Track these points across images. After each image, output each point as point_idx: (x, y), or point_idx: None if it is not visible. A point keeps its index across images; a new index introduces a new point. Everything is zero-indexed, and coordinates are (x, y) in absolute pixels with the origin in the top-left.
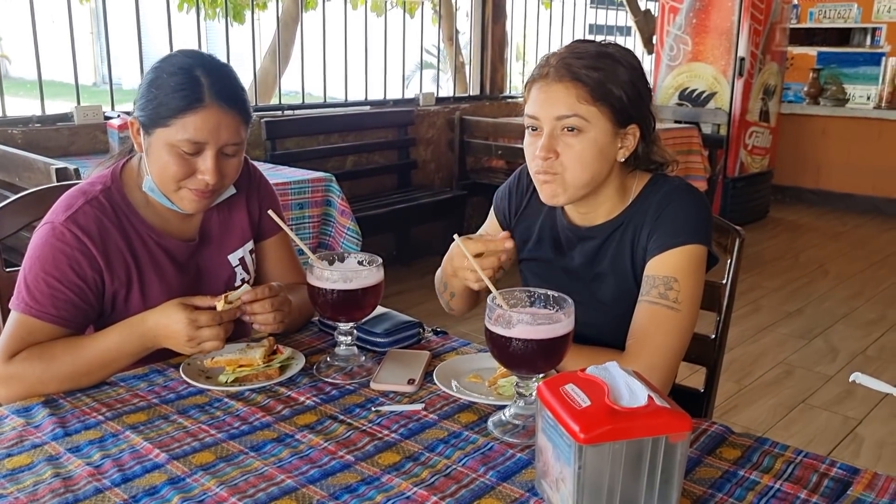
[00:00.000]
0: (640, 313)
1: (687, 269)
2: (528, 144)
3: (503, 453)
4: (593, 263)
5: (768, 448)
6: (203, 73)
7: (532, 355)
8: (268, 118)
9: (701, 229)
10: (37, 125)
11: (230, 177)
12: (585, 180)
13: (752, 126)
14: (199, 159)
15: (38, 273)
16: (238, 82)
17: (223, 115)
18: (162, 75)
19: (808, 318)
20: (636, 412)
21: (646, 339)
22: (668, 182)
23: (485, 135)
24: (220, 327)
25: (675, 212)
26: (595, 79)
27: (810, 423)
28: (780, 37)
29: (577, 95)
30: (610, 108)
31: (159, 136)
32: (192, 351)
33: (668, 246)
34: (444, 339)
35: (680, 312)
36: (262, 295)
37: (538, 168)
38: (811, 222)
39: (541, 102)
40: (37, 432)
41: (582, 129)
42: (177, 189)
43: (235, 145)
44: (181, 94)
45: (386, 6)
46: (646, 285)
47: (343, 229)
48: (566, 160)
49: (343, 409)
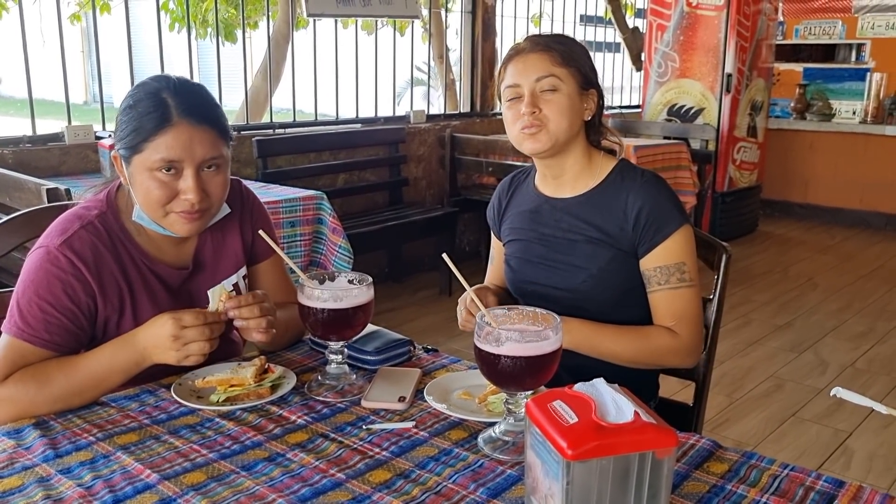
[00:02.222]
0: (667, 299)
1: (687, 249)
2: (508, 111)
3: (493, 470)
4: (566, 231)
5: (755, 462)
6: (170, 94)
7: (521, 372)
8: (259, 136)
9: (682, 210)
10: (27, 145)
11: (216, 195)
12: (564, 127)
13: (740, 141)
14: (181, 180)
15: (31, 297)
16: (209, 99)
17: (194, 131)
18: (132, 102)
19: (797, 331)
20: (623, 428)
21: (684, 318)
22: (637, 171)
23: (476, 151)
24: (206, 327)
25: (660, 203)
26: (562, 49)
27: (801, 436)
28: (767, 53)
29: (550, 60)
30: (577, 70)
31: (137, 163)
32: (178, 356)
33: (666, 235)
34: (434, 357)
35: (695, 286)
36: (247, 301)
37: (524, 123)
38: (800, 236)
39: (520, 71)
40: (27, 454)
41: (557, 87)
42: (164, 214)
43: (214, 159)
44: (150, 118)
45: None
46: (661, 275)
47: (335, 247)
48: (548, 112)
49: (334, 427)
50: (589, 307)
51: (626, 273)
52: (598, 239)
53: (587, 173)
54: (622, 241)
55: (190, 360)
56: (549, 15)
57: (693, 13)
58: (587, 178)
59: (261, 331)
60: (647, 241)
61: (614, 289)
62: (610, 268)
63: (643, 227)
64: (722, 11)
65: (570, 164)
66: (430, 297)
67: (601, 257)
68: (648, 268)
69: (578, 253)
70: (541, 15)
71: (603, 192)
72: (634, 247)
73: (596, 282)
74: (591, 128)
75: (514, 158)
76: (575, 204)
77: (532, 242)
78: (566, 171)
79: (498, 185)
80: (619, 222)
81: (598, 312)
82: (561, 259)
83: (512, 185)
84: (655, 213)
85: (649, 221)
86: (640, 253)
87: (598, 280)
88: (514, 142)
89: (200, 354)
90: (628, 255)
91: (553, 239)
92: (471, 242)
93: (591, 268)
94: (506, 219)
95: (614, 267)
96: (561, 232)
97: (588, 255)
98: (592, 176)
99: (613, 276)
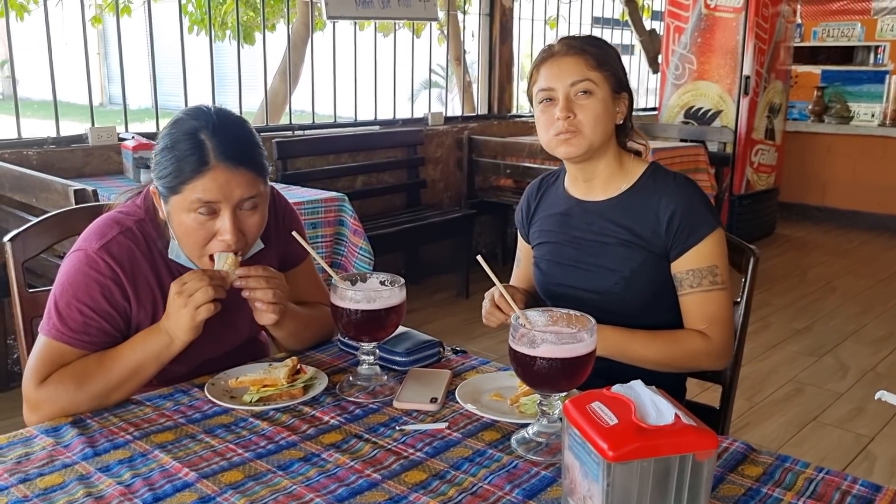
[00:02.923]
0: (699, 302)
1: (719, 252)
2: (541, 114)
3: (528, 471)
4: (598, 234)
5: (790, 465)
6: (207, 136)
7: (556, 374)
8: (278, 138)
9: (714, 213)
10: (52, 146)
11: (252, 234)
12: (599, 133)
13: (758, 144)
14: (217, 220)
15: (69, 300)
16: (247, 137)
17: (231, 175)
18: (170, 143)
19: (816, 335)
20: (664, 430)
21: (716, 321)
22: (668, 174)
23: (493, 154)
24: (205, 275)
25: (693, 206)
26: (596, 52)
27: (822, 440)
28: (785, 55)
29: (585, 63)
30: (611, 73)
31: (175, 203)
32: (188, 311)
33: (698, 238)
34: (463, 358)
35: (727, 289)
36: (255, 272)
37: (558, 129)
38: (817, 239)
39: (554, 74)
40: (66, 452)
41: (592, 91)
42: (201, 256)
43: (252, 199)
44: (187, 161)
45: (395, 27)
46: (694, 278)
47: (356, 248)
48: (583, 118)
49: (368, 427)
50: (619, 310)
51: (657, 276)
52: (631, 241)
53: (619, 176)
54: (654, 243)
55: (201, 312)
56: (565, 17)
57: (711, 15)
58: (619, 180)
59: (267, 302)
60: (679, 243)
61: (645, 292)
62: (642, 270)
63: (676, 230)
64: (740, 13)
65: (601, 168)
66: (447, 298)
67: (633, 260)
68: (680, 270)
69: (610, 255)
70: (557, 17)
71: (635, 194)
72: (667, 250)
73: (627, 284)
74: (622, 130)
75: (532, 161)
76: (607, 207)
77: (562, 245)
78: (598, 174)
79: (519, 192)
80: (652, 225)
81: (629, 315)
82: (592, 262)
83: (541, 187)
84: (688, 216)
85: (682, 224)
86: (673, 256)
87: (630, 283)
88: (547, 146)
89: (207, 300)
90: (660, 257)
91: (584, 241)
92: (487, 244)
93: (623, 270)
94: (535, 221)
95: (646, 269)
96: (592, 235)
97: (620, 258)
98: (624, 179)
99: (645, 278)
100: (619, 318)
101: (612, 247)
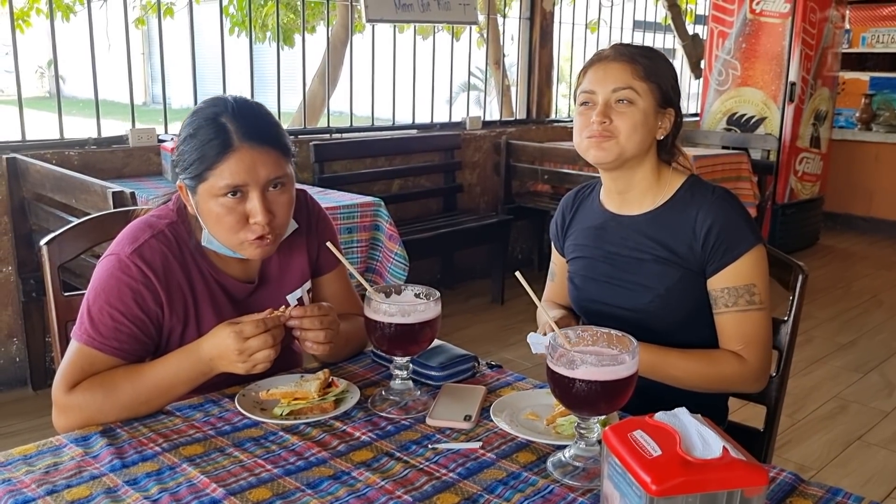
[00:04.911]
0: (735, 322)
1: (759, 271)
2: (579, 116)
3: (564, 497)
4: (633, 249)
5: (841, 500)
6: (228, 119)
7: (595, 397)
8: (316, 141)
9: (755, 229)
10: (93, 147)
11: (283, 214)
12: (634, 143)
13: (803, 152)
14: (247, 202)
15: (102, 305)
16: (267, 118)
17: (257, 154)
18: (192, 131)
19: (862, 350)
20: (711, 464)
21: (752, 342)
22: (707, 188)
23: (531, 159)
24: (268, 334)
25: (731, 222)
26: (646, 62)
27: (867, 461)
28: (832, 62)
29: (632, 72)
30: (657, 86)
31: (203, 191)
32: (245, 367)
33: (736, 256)
34: (498, 374)
35: (765, 309)
36: (311, 312)
37: (592, 132)
38: (863, 250)
39: (599, 79)
40: (95, 463)
41: (633, 101)
42: (238, 243)
43: (278, 178)
44: (211, 145)
45: (434, 30)
46: (730, 297)
47: (391, 254)
48: (619, 124)
49: (399, 445)
50: (656, 327)
51: (694, 293)
52: (667, 258)
53: (655, 190)
54: (691, 260)
55: (258, 369)
56: (606, 21)
57: (756, 20)
58: (655, 194)
59: (317, 342)
60: (715, 260)
61: (682, 309)
62: (678, 287)
63: (712, 246)
64: (787, 19)
65: (637, 180)
66: (482, 305)
67: (669, 277)
68: (716, 288)
69: (646, 272)
70: (598, 21)
71: (671, 209)
72: (703, 266)
73: (664, 302)
74: (663, 147)
75: (570, 167)
76: (642, 221)
77: (597, 260)
78: (633, 186)
79: (557, 198)
80: (689, 241)
81: (665, 333)
82: (627, 278)
83: (576, 200)
84: (726, 231)
85: (719, 240)
86: (709, 273)
87: (666, 300)
88: (580, 149)
89: (267, 361)
90: (697, 275)
91: (619, 257)
92: (524, 250)
93: (659, 288)
94: (570, 235)
95: (683, 287)
96: (627, 250)
97: (656, 275)
98: (661, 192)
99: (682, 296)
100: (656, 337)
101: (648, 263)
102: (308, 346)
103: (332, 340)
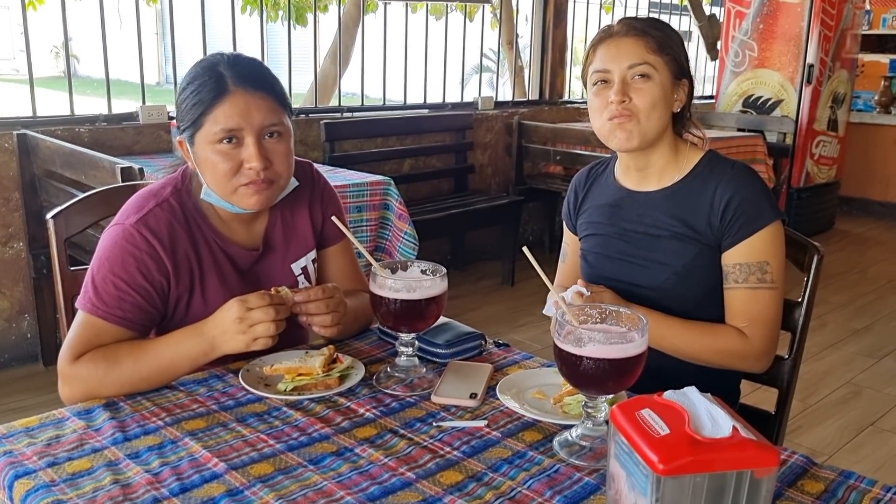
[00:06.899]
0: (743, 299)
1: (774, 248)
2: (595, 97)
3: (570, 476)
4: (649, 226)
5: (854, 483)
6: (225, 67)
7: (603, 375)
8: (327, 119)
9: (774, 204)
10: (103, 124)
11: (280, 164)
12: (655, 120)
13: (820, 135)
14: (242, 149)
15: (106, 274)
16: (264, 68)
17: (251, 98)
18: (189, 80)
19: (876, 335)
20: (720, 443)
21: (758, 321)
22: (727, 162)
23: (543, 140)
24: (271, 307)
25: (750, 196)
26: (658, 34)
27: (880, 447)
28: (851, 43)
29: (645, 46)
30: (672, 58)
31: (199, 140)
32: (245, 339)
33: (752, 231)
34: (505, 352)
35: (777, 288)
36: (315, 296)
37: (612, 112)
38: (879, 235)
39: (611, 56)
40: (97, 436)
41: (650, 75)
42: (233, 190)
43: (273, 126)
44: (207, 89)
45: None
46: (741, 273)
47: (400, 233)
48: (638, 102)
49: (403, 422)
50: (672, 305)
51: (712, 270)
52: (684, 235)
53: (673, 165)
54: (709, 236)
55: (258, 343)
56: (621, 2)
57: (775, 1)
58: (673, 170)
59: (324, 326)
60: (731, 234)
61: (699, 286)
62: (696, 264)
63: (730, 220)
64: None
65: (656, 157)
66: (492, 286)
67: (687, 254)
68: (728, 263)
69: (662, 249)
70: (613, 1)
71: (689, 184)
72: (720, 241)
73: (681, 279)
74: (679, 119)
75: (583, 147)
76: (660, 198)
77: (612, 237)
78: (652, 163)
79: (568, 179)
80: (707, 216)
81: (682, 311)
82: (643, 255)
83: (589, 177)
84: (745, 205)
85: (738, 214)
86: (724, 247)
87: (683, 278)
88: (601, 134)
89: (267, 336)
90: (714, 250)
91: (634, 234)
92: (535, 232)
93: (676, 265)
94: (582, 212)
95: (700, 264)
96: (643, 227)
97: (673, 252)
98: (678, 168)
99: (699, 273)
100: (673, 314)
101: (665, 240)
102: (316, 330)
103: (339, 322)
